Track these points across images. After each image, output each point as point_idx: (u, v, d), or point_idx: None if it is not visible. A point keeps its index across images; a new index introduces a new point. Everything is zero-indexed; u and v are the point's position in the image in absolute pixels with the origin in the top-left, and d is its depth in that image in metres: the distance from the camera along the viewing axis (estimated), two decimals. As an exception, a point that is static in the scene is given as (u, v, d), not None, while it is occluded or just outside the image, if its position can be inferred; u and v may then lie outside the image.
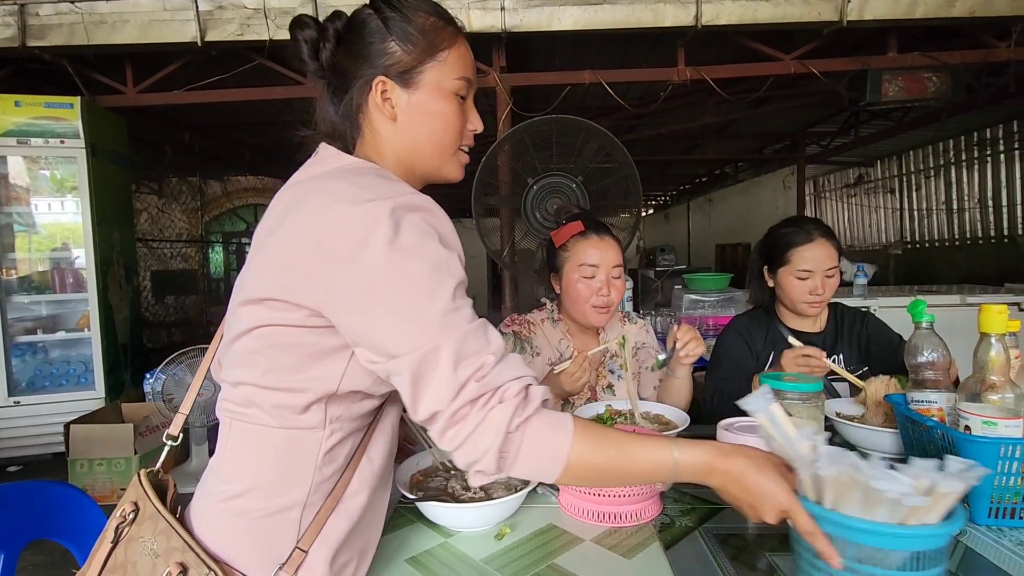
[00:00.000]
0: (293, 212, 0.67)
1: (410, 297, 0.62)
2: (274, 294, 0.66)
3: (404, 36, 0.73)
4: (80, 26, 3.23)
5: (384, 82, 0.74)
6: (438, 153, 0.78)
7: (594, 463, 0.67)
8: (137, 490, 0.73)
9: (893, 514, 0.61)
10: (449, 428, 0.63)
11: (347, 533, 0.72)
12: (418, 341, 0.61)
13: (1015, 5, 3.12)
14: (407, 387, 0.63)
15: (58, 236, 3.61)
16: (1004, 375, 0.92)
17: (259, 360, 0.68)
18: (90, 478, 2.82)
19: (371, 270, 0.61)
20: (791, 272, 1.54)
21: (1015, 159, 6.04)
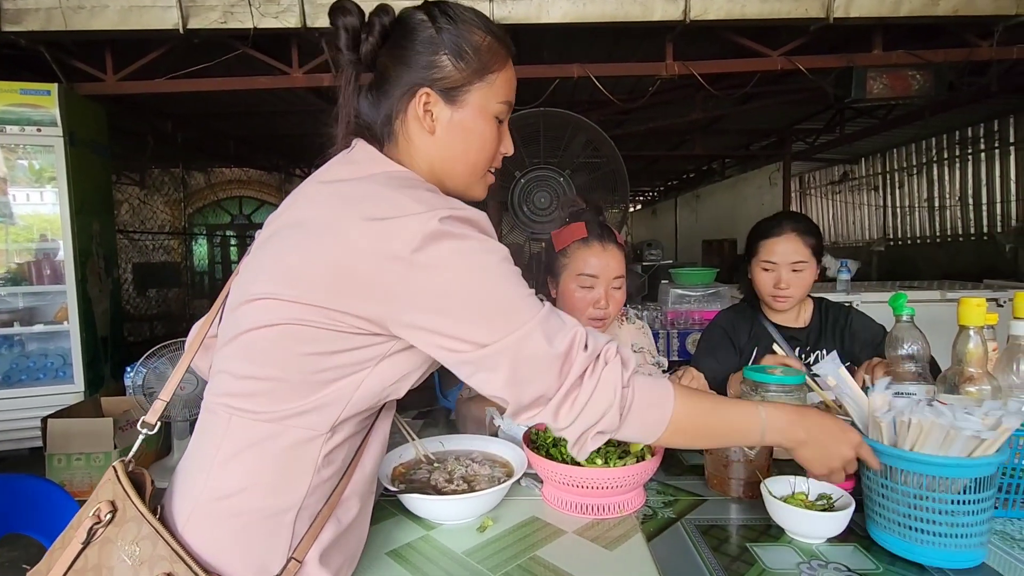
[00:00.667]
0: (341, 219, 0.65)
1: (488, 289, 0.64)
2: (321, 301, 0.64)
3: (457, 52, 0.72)
4: (58, 11, 3.15)
5: (429, 94, 0.73)
6: (470, 172, 0.78)
7: (694, 420, 0.72)
8: (115, 487, 0.67)
9: (964, 449, 0.74)
10: (564, 403, 0.66)
11: (337, 541, 0.70)
12: (508, 328, 0.63)
13: (997, 5, 3.16)
14: (504, 374, 0.64)
15: (35, 227, 3.53)
16: (982, 367, 0.93)
17: (276, 355, 0.66)
18: (68, 473, 2.77)
19: (444, 271, 0.62)
20: (758, 263, 1.55)
21: (995, 158, 6.14)
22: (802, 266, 1.51)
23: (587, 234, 1.38)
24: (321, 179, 0.73)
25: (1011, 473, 0.88)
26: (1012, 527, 0.87)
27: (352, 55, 0.73)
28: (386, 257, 0.62)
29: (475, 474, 0.99)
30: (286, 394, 0.66)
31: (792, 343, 1.58)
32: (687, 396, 0.72)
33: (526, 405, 0.66)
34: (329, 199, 0.69)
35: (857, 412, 0.91)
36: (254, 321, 0.67)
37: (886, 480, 0.80)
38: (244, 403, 0.67)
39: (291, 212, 0.71)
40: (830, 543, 0.84)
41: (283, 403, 0.66)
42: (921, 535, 0.77)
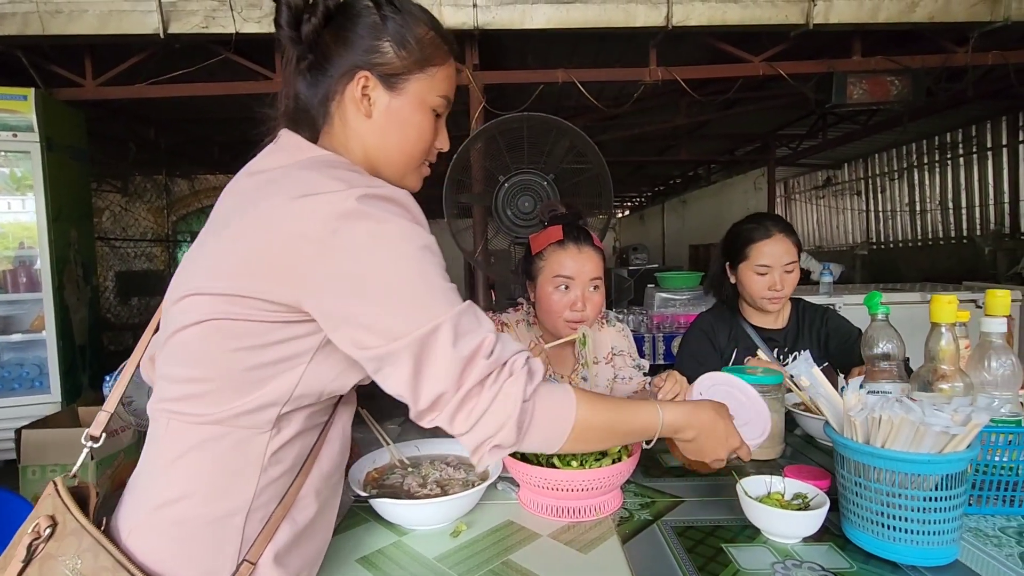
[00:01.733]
0: (259, 202, 0.64)
1: (402, 278, 0.62)
2: (238, 290, 0.62)
3: (400, 41, 0.73)
4: (35, 15, 3.10)
5: (368, 78, 0.73)
6: (405, 162, 0.78)
7: (596, 424, 0.72)
8: (54, 501, 0.65)
9: (935, 445, 0.75)
10: (460, 409, 0.63)
11: (294, 543, 0.68)
12: (415, 323, 0.61)
13: (972, 11, 3.23)
14: (408, 371, 0.61)
15: (13, 235, 3.46)
16: (954, 364, 0.93)
17: (207, 354, 0.64)
18: (42, 486, 2.66)
19: (358, 255, 0.60)
20: (750, 267, 1.55)
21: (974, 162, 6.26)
22: (792, 266, 1.54)
23: (563, 237, 1.37)
24: (247, 171, 0.72)
25: (982, 470, 0.88)
26: (985, 524, 0.87)
27: (292, 32, 0.72)
28: (298, 237, 0.60)
29: (449, 478, 0.97)
30: (222, 394, 0.64)
31: (770, 344, 1.59)
32: (589, 402, 0.72)
33: (425, 408, 0.63)
34: (249, 189, 0.68)
35: (831, 411, 0.91)
36: (182, 321, 0.66)
37: (860, 478, 0.79)
38: (180, 407, 0.66)
39: (217, 208, 0.71)
40: (805, 542, 0.83)
41: (220, 404, 0.64)
42: (895, 533, 0.77)
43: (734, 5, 3.24)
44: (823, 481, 0.91)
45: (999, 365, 0.93)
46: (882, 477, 0.77)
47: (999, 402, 0.89)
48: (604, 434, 0.74)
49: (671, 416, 0.79)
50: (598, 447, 0.77)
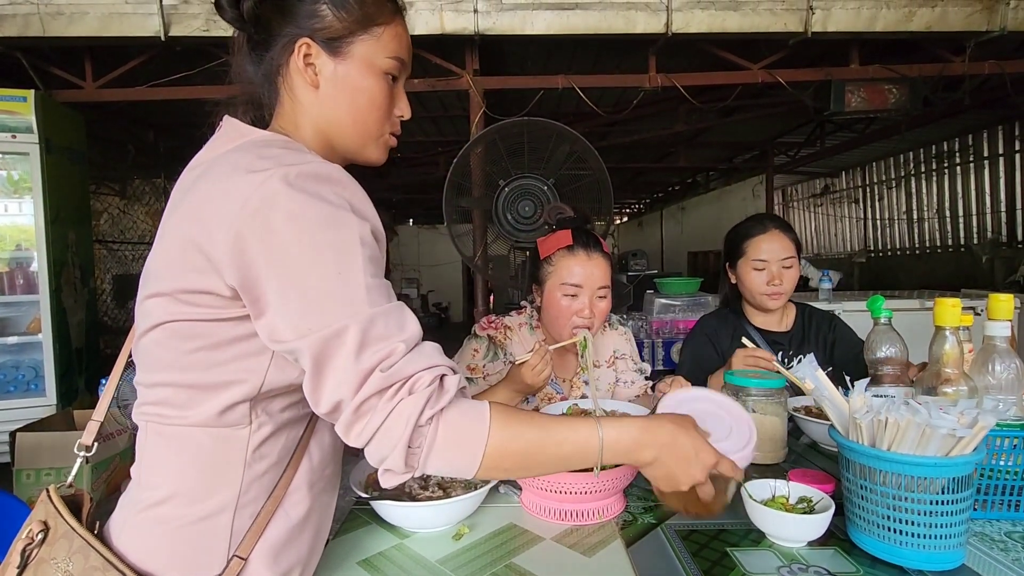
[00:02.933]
0: (191, 192, 0.63)
1: (314, 272, 0.57)
2: (182, 284, 0.60)
3: (339, 2, 0.68)
4: (36, 17, 3.11)
5: (309, 45, 0.69)
6: (361, 132, 0.73)
7: (514, 450, 0.62)
8: (46, 507, 0.66)
9: (941, 448, 0.74)
10: (355, 422, 0.57)
11: (287, 538, 0.67)
12: (322, 321, 0.56)
13: (968, 21, 3.25)
14: (309, 372, 0.58)
15: (10, 237, 3.45)
16: (958, 368, 0.93)
17: (172, 357, 0.63)
18: (37, 489, 2.67)
19: (273, 241, 0.56)
20: (748, 263, 1.55)
21: (971, 171, 6.30)
22: (790, 262, 1.53)
23: (572, 242, 1.35)
24: (189, 166, 0.70)
25: (988, 474, 0.87)
26: (991, 528, 0.87)
27: (234, 12, 0.68)
28: (222, 221, 0.57)
29: (451, 480, 0.96)
30: (191, 397, 0.64)
31: (775, 347, 1.57)
32: (509, 425, 0.62)
33: (325, 413, 0.59)
34: (187, 183, 0.66)
35: (836, 414, 0.90)
36: (143, 325, 0.66)
37: (865, 482, 0.79)
38: (157, 410, 0.66)
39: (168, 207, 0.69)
40: (810, 546, 0.82)
41: (191, 406, 0.64)
42: (901, 536, 0.76)
43: (733, 13, 3.26)
44: (828, 485, 0.91)
45: (1003, 369, 0.93)
46: (888, 480, 0.76)
47: (1004, 405, 0.88)
48: (526, 460, 0.63)
49: (615, 434, 0.65)
50: (524, 474, 0.68)
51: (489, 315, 1.54)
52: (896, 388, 1.05)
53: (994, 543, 0.82)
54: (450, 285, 11.36)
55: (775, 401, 1.13)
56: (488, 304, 3.77)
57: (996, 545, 0.82)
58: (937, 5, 3.24)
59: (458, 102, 4.47)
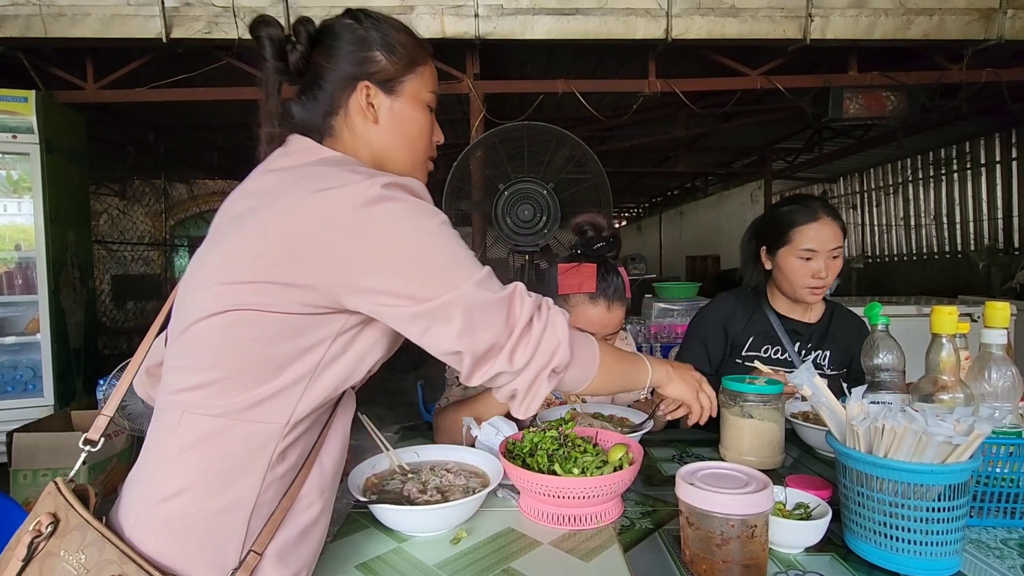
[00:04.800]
0: (283, 196, 0.67)
1: (435, 246, 0.67)
2: (268, 278, 0.64)
3: (388, 47, 0.79)
4: (37, 18, 3.11)
5: (369, 87, 0.79)
6: (412, 158, 0.84)
7: (611, 364, 0.84)
8: (56, 499, 0.66)
9: (937, 455, 0.74)
10: (519, 344, 0.70)
11: (296, 540, 0.69)
12: (458, 279, 0.67)
13: (966, 29, 3.27)
14: (459, 324, 0.66)
15: (10, 237, 3.44)
16: (955, 375, 0.94)
17: (228, 345, 0.65)
18: (34, 490, 2.67)
19: (391, 231, 0.65)
20: (793, 253, 1.43)
21: (968, 178, 6.33)
22: (838, 252, 1.42)
23: (595, 289, 1.28)
24: (262, 171, 0.75)
25: (984, 481, 0.88)
26: (987, 535, 0.87)
27: (279, 64, 0.77)
28: (332, 223, 0.64)
29: (449, 484, 0.96)
30: (238, 385, 0.65)
31: (794, 336, 1.51)
32: (605, 344, 0.84)
33: (481, 354, 0.68)
34: (268, 186, 0.71)
35: (833, 421, 0.90)
36: (201, 311, 0.66)
37: (862, 488, 0.79)
38: (195, 398, 0.66)
39: (232, 207, 0.73)
40: (807, 552, 0.83)
41: (235, 395, 0.65)
42: (897, 543, 0.76)
43: (733, 20, 3.28)
44: (825, 491, 0.91)
45: (999, 376, 0.93)
46: (884, 487, 0.77)
47: (1000, 413, 0.89)
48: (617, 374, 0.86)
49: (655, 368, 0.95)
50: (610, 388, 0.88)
51: None
52: (893, 395, 1.05)
53: (990, 550, 0.83)
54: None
55: (772, 407, 1.13)
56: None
57: (992, 552, 0.82)
58: (935, 14, 3.26)
59: (458, 105, 4.48)
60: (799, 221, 1.43)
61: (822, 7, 3.26)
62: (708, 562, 0.74)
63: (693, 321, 1.63)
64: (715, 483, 0.77)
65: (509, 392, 0.74)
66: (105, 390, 2.93)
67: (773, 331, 1.51)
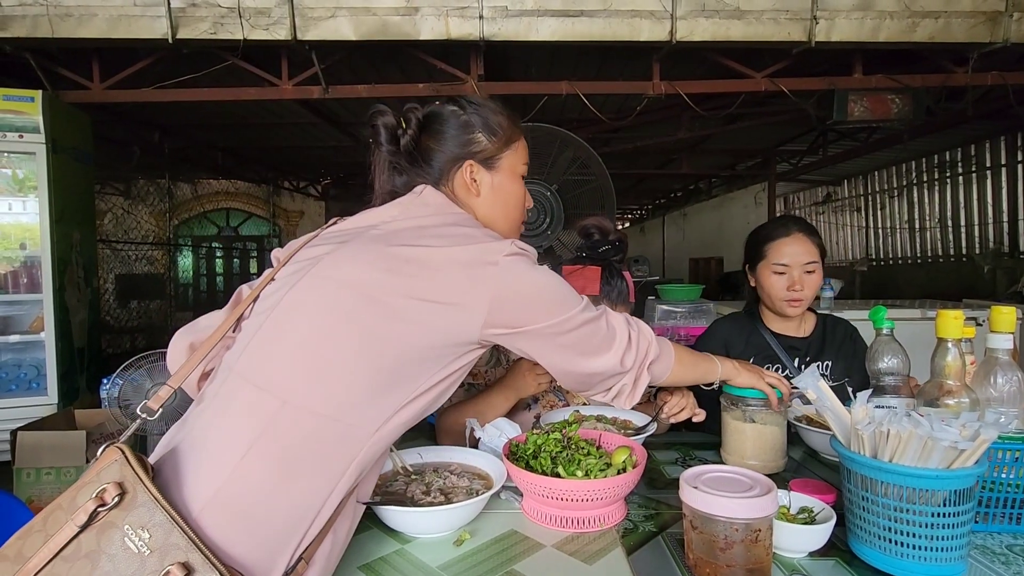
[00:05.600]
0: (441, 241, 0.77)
1: (554, 287, 0.83)
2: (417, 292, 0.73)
3: (489, 129, 0.91)
4: (44, 18, 3.13)
5: (472, 165, 0.90)
6: (509, 224, 0.95)
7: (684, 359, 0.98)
8: (123, 468, 0.61)
9: (943, 460, 0.75)
10: (629, 345, 0.87)
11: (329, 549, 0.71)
12: (571, 308, 0.82)
13: (972, 32, 3.26)
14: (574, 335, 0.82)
15: (15, 236, 3.46)
16: (960, 380, 0.93)
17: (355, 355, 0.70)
18: (37, 488, 2.67)
19: (526, 275, 0.79)
20: (768, 267, 1.49)
21: (973, 181, 6.30)
22: (813, 267, 1.48)
23: (599, 292, 1.28)
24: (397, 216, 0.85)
25: (990, 487, 0.87)
26: (992, 541, 0.87)
27: (391, 147, 0.90)
28: (483, 269, 0.75)
29: (453, 486, 0.96)
30: (352, 394, 0.69)
31: (791, 353, 1.54)
32: (678, 348, 0.98)
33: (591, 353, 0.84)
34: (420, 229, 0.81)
35: (838, 425, 0.90)
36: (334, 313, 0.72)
37: (867, 493, 0.79)
38: (300, 400, 0.68)
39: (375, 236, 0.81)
40: (811, 557, 0.83)
41: (341, 408, 0.69)
42: (902, 548, 0.76)
43: (737, 22, 3.27)
44: (829, 495, 0.91)
45: (1005, 381, 0.93)
46: (889, 492, 0.77)
47: (1006, 418, 0.88)
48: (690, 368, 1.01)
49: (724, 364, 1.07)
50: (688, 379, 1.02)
51: None
52: (898, 399, 1.05)
53: (995, 556, 0.82)
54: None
55: (771, 412, 1.13)
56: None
57: (997, 558, 0.82)
58: (940, 16, 3.25)
59: (462, 107, 4.48)
60: (773, 236, 1.52)
61: (827, 9, 3.26)
62: (712, 566, 0.74)
63: (696, 346, 1.68)
64: (719, 487, 0.77)
65: (617, 390, 0.88)
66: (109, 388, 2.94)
67: (770, 349, 1.55)
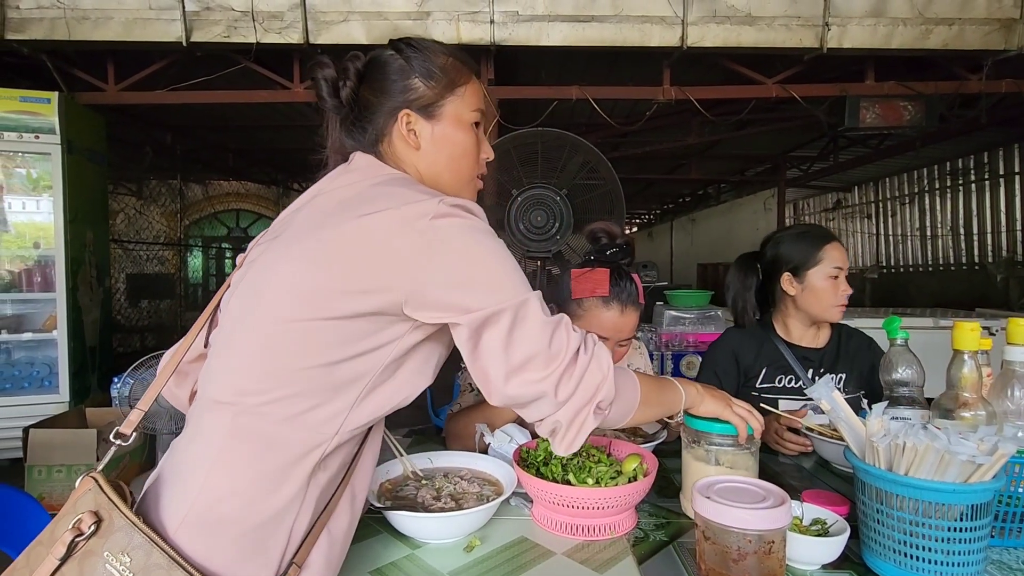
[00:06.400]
0: (355, 214, 0.69)
1: (495, 260, 0.71)
2: (336, 291, 0.67)
3: (426, 74, 0.82)
4: (62, 21, 3.18)
5: (409, 115, 0.81)
6: (457, 179, 0.86)
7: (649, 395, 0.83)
8: (97, 497, 0.63)
9: (960, 474, 0.74)
10: (566, 372, 0.70)
11: (328, 551, 0.70)
12: (513, 292, 0.70)
13: (986, 40, 3.24)
14: (504, 330, 0.69)
15: (29, 235, 3.50)
16: (976, 392, 0.92)
17: (289, 354, 0.67)
18: (48, 485, 2.70)
19: (456, 243, 0.68)
20: (823, 272, 1.45)
21: (985, 189, 6.24)
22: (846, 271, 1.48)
23: (609, 293, 1.27)
24: (323, 190, 0.79)
25: (1007, 501, 0.86)
26: (1008, 556, 0.85)
27: (334, 100, 0.82)
28: (402, 238, 0.67)
29: (463, 492, 0.96)
30: (298, 395, 0.67)
31: (805, 363, 1.52)
32: (639, 375, 0.84)
33: (515, 367, 0.70)
34: (347, 201, 0.74)
35: (852, 436, 0.89)
36: (264, 316, 0.69)
37: (882, 506, 0.78)
38: (252, 402, 0.67)
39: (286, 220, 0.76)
40: (825, 570, 0.82)
41: (294, 404, 0.67)
42: (917, 563, 0.75)
43: (749, 28, 3.27)
44: (842, 507, 0.90)
45: (1022, 395, 0.92)
46: (905, 505, 0.76)
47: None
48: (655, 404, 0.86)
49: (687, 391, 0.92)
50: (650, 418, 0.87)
51: None
52: (912, 410, 1.04)
53: (1012, 572, 0.81)
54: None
55: (745, 451, 0.95)
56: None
57: (1014, 574, 0.81)
58: (954, 24, 3.23)
59: (472, 111, 4.50)
60: (825, 240, 1.48)
61: (839, 16, 3.25)
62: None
63: (705, 357, 1.68)
64: (732, 497, 0.77)
65: (551, 425, 0.74)
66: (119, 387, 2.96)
67: (784, 360, 1.53)
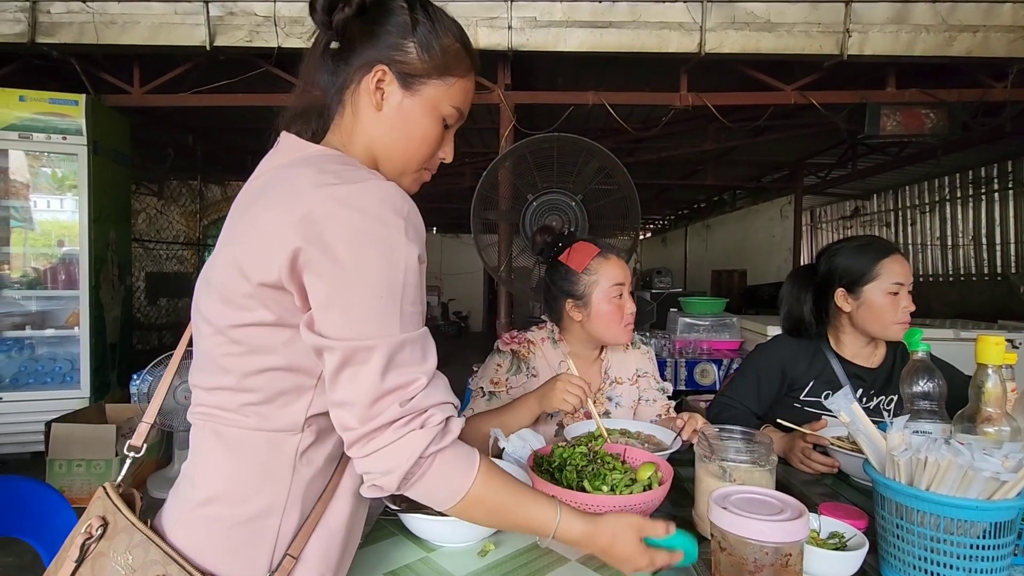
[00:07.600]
0: (255, 204, 0.67)
1: (360, 289, 0.61)
2: (249, 292, 0.64)
3: (425, 44, 0.74)
4: (90, 25, 3.26)
5: (385, 72, 0.73)
6: (404, 161, 0.77)
7: (488, 504, 0.69)
8: (104, 503, 0.69)
9: (983, 491, 0.73)
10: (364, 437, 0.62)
11: (327, 543, 0.70)
12: (358, 332, 0.61)
13: (1011, 47, 3.19)
14: (331, 370, 0.62)
15: (54, 233, 3.59)
16: (1000, 407, 0.91)
17: (230, 363, 0.67)
18: (68, 479, 2.76)
19: (328, 254, 0.61)
20: (882, 287, 1.39)
21: (1009, 198, 6.11)
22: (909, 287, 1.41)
23: (599, 248, 1.44)
24: (253, 176, 0.75)
25: (1031, 519, 0.84)
26: (1033, 576, 0.84)
27: (325, 17, 0.72)
28: (284, 233, 0.61)
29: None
30: (248, 397, 0.67)
31: (856, 382, 1.46)
32: (490, 482, 0.68)
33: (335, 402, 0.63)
34: (253, 191, 0.71)
35: (872, 450, 0.88)
36: (207, 330, 0.69)
37: (902, 521, 0.77)
38: (216, 411, 0.69)
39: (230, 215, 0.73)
40: (842, 584, 0.81)
41: (248, 407, 0.67)
42: (938, 580, 0.74)
43: (768, 34, 3.25)
44: (861, 521, 0.89)
45: (1048, 410, 0.90)
46: (926, 521, 0.75)
47: (1049, 449, 0.86)
48: (493, 516, 0.71)
49: (567, 526, 0.72)
50: (486, 525, 0.78)
51: (511, 330, 1.55)
52: (933, 424, 1.02)
53: (1036, 591, 0.80)
54: (471, 294, 11.41)
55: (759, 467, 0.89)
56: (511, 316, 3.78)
57: (1038, 594, 0.79)
58: (979, 31, 3.18)
59: (487, 115, 4.52)
60: (882, 255, 1.42)
61: (860, 23, 3.22)
62: None
63: (751, 355, 1.62)
64: (748, 508, 0.76)
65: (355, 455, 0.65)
66: (139, 384, 3.02)
67: (835, 377, 1.47)
